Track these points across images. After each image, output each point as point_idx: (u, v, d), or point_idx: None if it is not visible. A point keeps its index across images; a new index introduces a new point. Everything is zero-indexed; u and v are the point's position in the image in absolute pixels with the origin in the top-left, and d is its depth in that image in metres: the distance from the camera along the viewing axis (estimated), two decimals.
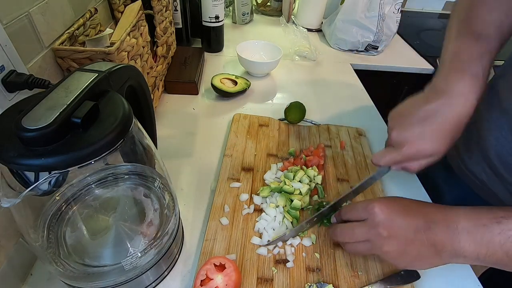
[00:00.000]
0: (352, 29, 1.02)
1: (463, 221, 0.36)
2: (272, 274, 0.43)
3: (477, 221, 0.36)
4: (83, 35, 0.55)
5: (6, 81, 0.36)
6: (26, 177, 0.27)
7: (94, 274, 0.36)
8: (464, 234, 0.36)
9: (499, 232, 0.34)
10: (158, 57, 0.71)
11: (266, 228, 0.48)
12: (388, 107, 0.51)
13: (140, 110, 0.45)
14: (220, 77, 0.78)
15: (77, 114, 0.27)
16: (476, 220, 0.36)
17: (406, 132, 0.43)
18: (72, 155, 0.26)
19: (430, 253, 0.37)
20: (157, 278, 0.42)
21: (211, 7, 0.87)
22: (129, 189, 0.43)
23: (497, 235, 0.34)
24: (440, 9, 1.61)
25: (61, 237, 0.37)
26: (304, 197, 0.52)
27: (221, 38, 0.99)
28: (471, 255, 0.36)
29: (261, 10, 1.31)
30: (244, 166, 0.58)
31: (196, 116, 0.72)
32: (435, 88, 0.44)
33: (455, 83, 0.41)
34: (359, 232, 0.40)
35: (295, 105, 0.69)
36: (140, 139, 0.37)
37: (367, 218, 0.40)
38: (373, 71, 1.03)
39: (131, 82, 0.38)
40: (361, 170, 0.60)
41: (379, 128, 0.73)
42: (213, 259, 0.41)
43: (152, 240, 0.38)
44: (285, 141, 0.65)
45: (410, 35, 1.24)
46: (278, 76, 0.91)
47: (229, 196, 0.53)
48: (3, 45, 0.36)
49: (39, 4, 0.44)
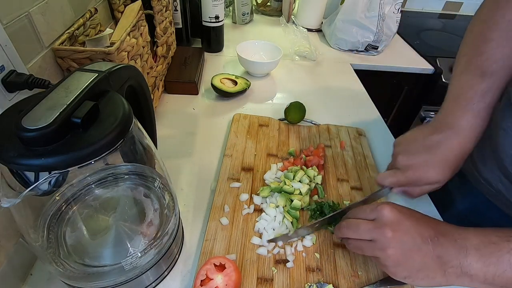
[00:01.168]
0: (352, 29, 1.02)
1: (472, 238, 0.36)
2: (272, 274, 0.43)
3: (486, 238, 0.35)
4: (83, 35, 0.55)
5: (6, 81, 0.36)
6: (26, 177, 0.27)
7: (94, 274, 0.36)
8: (472, 250, 0.35)
9: (509, 251, 0.33)
10: (158, 57, 0.71)
11: (266, 228, 0.48)
12: (388, 107, 0.52)
13: (140, 110, 0.45)
14: (220, 77, 0.78)
15: (77, 114, 0.27)
16: (485, 237, 0.35)
17: (413, 158, 0.46)
18: (72, 155, 0.26)
19: (435, 265, 0.36)
20: (157, 278, 0.42)
21: (211, 7, 0.87)
22: (129, 189, 0.43)
23: (506, 253, 0.33)
24: (440, 9, 1.61)
25: (61, 237, 0.37)
26: (304, 197, 0.53)
27: (221, 38, 0.99)
28: (479, 273, 0.34)
29: (261, 10, 1.31)
30: (244, 166, 0.58)
31: (196, 116, 0.72)
32: (441, 121, 0.47)
33: (458, 119, 0.45)
34: (365, 229, 0.39)
35: (295, 105, 0.69)
36: (140, 139, 0.37)
37: (375, 218, 0.39)
38: (373, 71, 1.03)
39: (131, 82, 0.38)
40: (361, 170, 0.60)
41: (379, 128, 0.74)
42: (213, 259, 0.41)
43: (152, 240, 0.38)
44: (285, 141, 0.65)
45: (410, 35, 1.24)
46: (278, 76, 0.91)
47: (229, 196, 0.53)
48: (3, 45, 0.36)
49: (39, 4, 0.44)
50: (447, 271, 0.35)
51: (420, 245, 0.36)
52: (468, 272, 0.34)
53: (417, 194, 0.48)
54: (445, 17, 1.56)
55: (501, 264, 0.33)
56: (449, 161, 0.44)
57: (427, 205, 0.57)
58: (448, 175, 0.45)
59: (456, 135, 0.44)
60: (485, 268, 0.34)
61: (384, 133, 0.73)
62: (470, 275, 0.34)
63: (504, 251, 0.33)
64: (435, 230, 0.37)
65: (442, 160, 0.44)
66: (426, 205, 0.57)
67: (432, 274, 0.36)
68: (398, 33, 1.17)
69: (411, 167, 0.45)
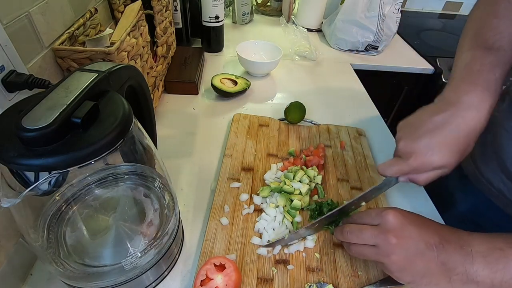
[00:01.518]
0: (352, 29, 1.02)
1: (478, 244, 0.35)
2: (272, 274, 0.43)
3: (492, 245, 0.35)
4: (83, 35, 0.55)
5: (6, 81, 0.36)
6: (26, 177, 0.27)
7: (94, 274, 0.36)
8: (478, 257, 0.34)
9: None
10: (158, 57, 0.71)
11: (266, 228, 0.48)
12: (388, 107, 0.51)
13: (140, 110, 0.45)
14: (220, 77, 0.78)
15: (77, 114, 0.27)
16: (492, 243, 0.35)
17: (414, 143, 0.41)
18: (72, 155, 0.26)
19: (439, 272, 0.35)
20: (157, 278, 0.42)
21: (211, 7, 0.87)
22: (129, 189, 0.43)
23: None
24: (440, 9, 1.61)
25: (61, 237, 0.37)
26: (304, 197, 0.52)
27: (221, 38, 0.99)
28: (486, 280, 0.34)
29: (261, 10, 1.31)
30: (244, 166, 0.58)
31: (196, 116, 0.72)
32: (445, 99, 0.42)
33: (465, 94, 0.40)
34: (368, 234, 0.39)
35: (295, 105, 0.69)
36: (140, 139, 0.37)
37: (379, 223, 0.39)
38: (373, 71, 1.03)
39: (131, 82, 0.38)
40: (361, 170, 0.60)
41: (379, 128, 0.74)
42: (213, 259, 0.41)
43: (152, 240, 0.38)
44: (285, 141, 0.65)
45: (410, 35, 1.24)
46: (278, 76, 0.91)
47: (229, 196, 0.53)
48: (3, 45, 0.36)
49: (39, 4, 0.44)
50: (452, 278, 0.35)
51: (424, 252, 0.36)
52: (474, 279, 0.34)
53: (423, 181, 0.43)
54: (445, 17, 1.56)
55: (509, 270, 0.33)
56: (456, 142, 0.40)
57: (427, 205, 0.57)
58: (456, 158, 0.40)
59: (460, 113, 0.40)
60: (492, 275, 0.33)
61: (384, 133, 0.73)
62: (477, 282, 0.34)
63: (511, 257, 0.33)
64: (440, 236, 0.36)
65: (448, 142, 0.40)
66: (426, 205, 0.57)
67: (436, 280, 0.36)
68: (398, 33, 1.17)
69: (413, 153, 0.41)
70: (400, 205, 0.55)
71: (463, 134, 0.40)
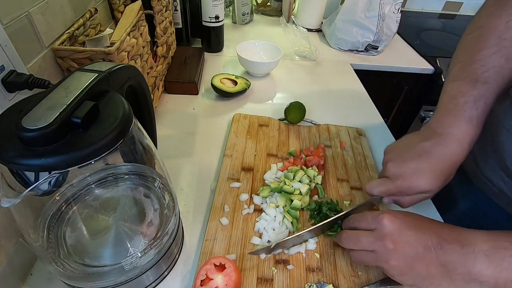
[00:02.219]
0: (352, 29, 1.02)
1: (481, 243, 0.35)
2: (272, 274, 0.43)
3: (496, 244, 0.34)
4: (83, 35, 0.55)
5: (6, 81, 0.36)
6: (26, 177, 0.27)
7: (94, 274, 0.36)
8: (481, 256, 0.34)
9: None
10: (158, 57, 0.71)
11: (266, 228, 0.48)
12: (388, 107, 0.51)
13: (140, 110, 0.45)
14: (220, 77, 0.78)
15: (77, 114, 0.27)
16: (495, 242, 0.34)
17: (403, 165, 0.44)
18: (72, 155, 0.26)
19: (439, 273, 0.35)
20: (157, 278, 0.42)
21: (211, 7, 0.87)
22: (129, 189, 0.43)
23: None
24: (440, 9, 1.61)
25: (61, 237, 0.37)
26: (304, 197, 0.52)
27: (221, 38, 0.99)
28: (489, 280, 0.34)
29: (261, 10, 1.31)
30: (244, 166, 0.58)
31: (196, 116, 0.72)
32: (431, 129, 0.45)
33: (449, 126, 0.43)
34: (365, 241, 0.39)
35: (295, 105, 0.69)
36: (140, 139, 0.37)
37: (376, 228, 0.39)
38: (373, 71, 1.03)
39: (131, 82, 0.38)
40: (361, 170, 0.60)
41: (379, 128, 0.74)
42: (213, 259, 0.41)
43: (152, 240, 0.38)
44: (285, 141, 0.65)
45: (410, 35, 1.24)
46: (278, 76, 0.91)
47: (229, 196, 0.53)
48: (3, 45, 0.36)
49: (39, 4, 0.44)
50: (454, 278, 0.35)
51: (423, 254, 0.36)
52: (477, 278, 0.34)
53: (407, 204, 0.46)
54: (445, 17, 1.56)
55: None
56: (440, 169, 0.42)
57: (427, 204, 0.57)
58: (440, 184, 0.43)
59: (447, 143, 0.42)
60: (496, 274, 0.33)
61: (384, 133, 0.73)
62: (480, 281, 0.34)
63: None
64: (439, 236, 0.36)
65: (434, 169, 0.42)
66: (426, 204, 0.57)
67: (437, 281, 0.36)
68: (398, 33, 1.17)
69: (401, 176, 0.43)
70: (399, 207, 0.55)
71: (447, 162, 0.42)
